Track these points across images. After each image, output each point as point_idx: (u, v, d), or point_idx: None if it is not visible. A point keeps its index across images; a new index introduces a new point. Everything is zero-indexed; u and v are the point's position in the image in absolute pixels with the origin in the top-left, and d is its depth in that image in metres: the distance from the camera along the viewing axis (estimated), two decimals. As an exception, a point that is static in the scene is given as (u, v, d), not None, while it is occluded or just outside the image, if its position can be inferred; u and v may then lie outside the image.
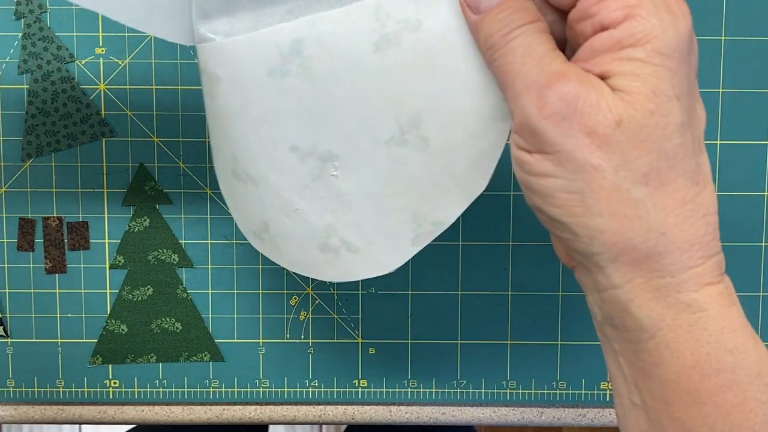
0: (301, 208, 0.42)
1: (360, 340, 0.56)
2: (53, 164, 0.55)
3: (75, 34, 0.54)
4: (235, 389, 0.57)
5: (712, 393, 0.31)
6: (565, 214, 0.32)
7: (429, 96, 0.38)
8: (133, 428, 0.76)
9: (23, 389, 0.57)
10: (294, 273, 0.56)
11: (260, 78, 0.39)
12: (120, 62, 0.54)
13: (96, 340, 0.56)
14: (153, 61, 0.54)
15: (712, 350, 0.31)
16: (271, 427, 0.99)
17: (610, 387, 0.57)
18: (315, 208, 0.42)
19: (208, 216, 0.55)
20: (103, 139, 0.55)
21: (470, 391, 0.57)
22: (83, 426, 1.48)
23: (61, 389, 0.57)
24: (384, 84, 0.38)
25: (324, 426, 1.42)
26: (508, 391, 0.57)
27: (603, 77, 0.31)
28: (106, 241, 0.55)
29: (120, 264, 0.55)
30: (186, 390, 0.57)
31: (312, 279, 0.56)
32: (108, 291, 0.56)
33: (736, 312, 0.32)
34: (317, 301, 0.56)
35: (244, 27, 0.39)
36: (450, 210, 0.40)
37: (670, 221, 0.31)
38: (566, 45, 0.35)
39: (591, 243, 0.32)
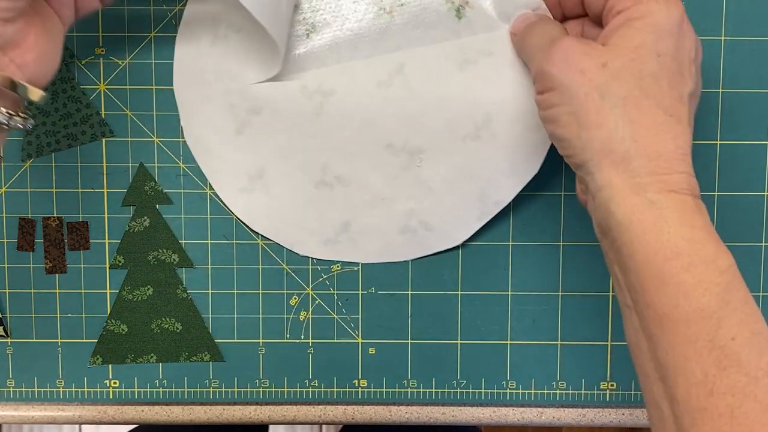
0: (389, 197, 0.54)
1: (360, 340, 0.56)
2: (53, 164, 0.55)
3: (75, 34, 0.54)
4: (235, 389, 0.57)
5: (673, 274, 0.39)
6: (567, 132, 0.42)
7: (498, 101, 0.52)
8: (135, 428, 0.76)
9: (23, 389, 0.57)
10: (294, 274, 0.56)
11: (371, 88, 0.53)
12: (120, 62, 0.54)
13: (96, 340, 0.56)
14: (153, 61, 0.54)
15: (672, 238, 0.39)
16: (271, 427, 0.99)
17: (609, 387, 0.57)
18: (401, 195, 0.54)
19: (208, 216, 0.55)
20: (103, 139, 0.55)
21: (470, 391, 0.57)
22: (83, 426, 1.48)
23: (61, 389, 0.57)
24: (464, 92, 0.52)
25: (324, 426, 1.42)
26: (508, 391, 0.57)
27: (613, 35, 0.42)
28: (106, 241, 0.55)
29: (120, 264, 0.55)
30: (186, 390, 0.57)
31: (312, 279, 0.56)
32: (108, 291, 0.56)
33: (699, 218, 0.40)
34: (317, 301, 0.56)
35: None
36: (509, 190, 0.53)
37: (641, 133, 0.41)
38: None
39: (584, 151, 0.42)
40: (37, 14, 0.43)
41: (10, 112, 0.43)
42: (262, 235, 0.55)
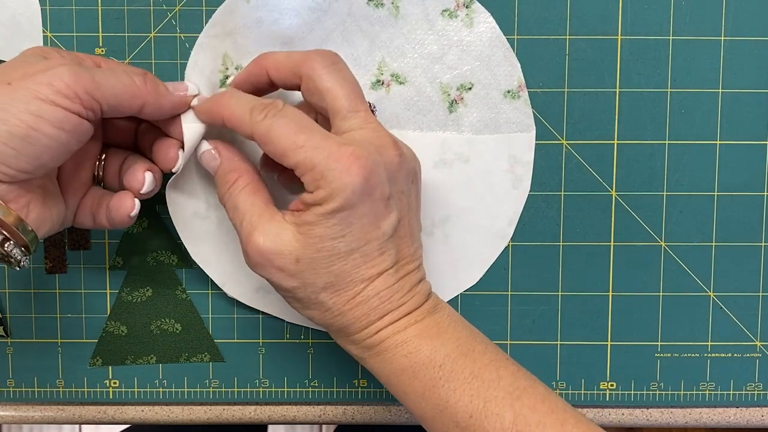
0: None
1: (360, 340, 0.56)
2: (53, 164, 0.55)
3: (75, 34, 0.54)
4: (235, 389, 0.57)
5: (407, 385, 0.46)
6: (299, 308, 0.47)
7: (459, 208, 0.54)
8: (128, 428, 0.77)
9: (23, 389, 0.57)
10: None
11: None
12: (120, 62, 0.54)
13: (96, 341, 0.56)
14: (153, 61, 0.54)
15: (396, 366, 0.46)
16: (271, 427, 0.99)
17: (609, 386, 0.57)
18: None
19: (208, 216, 0.55)
20: (103, 140, 0.55)
21: (470, 391, 0.57)
22: (83, 426, 1.48)
23: (61, 389, 0.57)
24: (432, 189, 0.54)
25: (324, 426, 1.42)
26: (507, 391, 0.57)
27: (299, 225, 0.45)
28: (106, 241, 0.55)
29: (119, 265, 0.55)
30: (186, 390, 0.57)
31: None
32: (108, 291, 0.56)
33: (409, 344, 0.46)
34: (317, 301, 0.56)
35: None
36: (442, 294, 0.54)
37: (345, 308, 0.46)
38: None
39: (318, 325, 0.48)
40: (40, 188, 0.46)
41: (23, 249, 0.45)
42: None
